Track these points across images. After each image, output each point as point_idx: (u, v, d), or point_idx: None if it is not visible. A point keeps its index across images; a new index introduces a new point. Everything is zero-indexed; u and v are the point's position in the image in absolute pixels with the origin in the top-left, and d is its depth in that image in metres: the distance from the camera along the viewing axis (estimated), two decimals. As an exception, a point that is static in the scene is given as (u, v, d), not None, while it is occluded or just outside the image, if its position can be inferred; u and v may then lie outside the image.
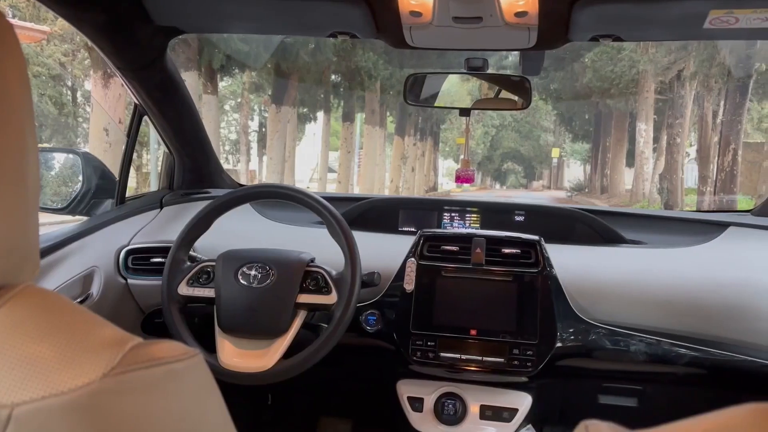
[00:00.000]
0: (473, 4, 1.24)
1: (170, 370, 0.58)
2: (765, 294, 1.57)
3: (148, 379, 0.56)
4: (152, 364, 0.56)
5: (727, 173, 13.79)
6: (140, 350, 0.57)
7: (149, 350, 0.57)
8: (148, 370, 0.56)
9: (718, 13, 1.22)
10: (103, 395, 0.53)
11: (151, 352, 0.57)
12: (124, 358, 0.55)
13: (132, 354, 0.56)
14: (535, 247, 1.63)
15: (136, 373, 0.55)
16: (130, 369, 0.55)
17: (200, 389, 0.62)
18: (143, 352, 0.57)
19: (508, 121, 35.77)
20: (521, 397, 1.61)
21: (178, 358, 0.59)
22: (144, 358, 0.56)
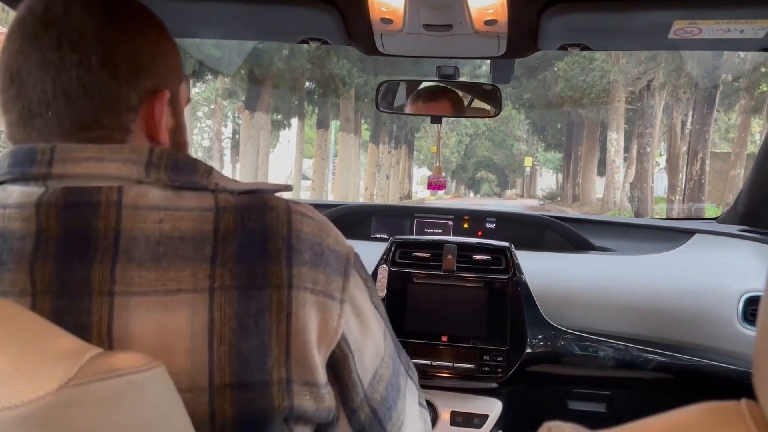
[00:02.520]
0: (443, 12, 1.25)
1: (130, 381, 0.56)
2: (728, 299, 1.60)
3: (106, 390, 0.54)
4: (111, 375, 0.55)
5: (695, 182, 14.06)
6: (99, 361, 0.55)
7: (108, 361, 0.56)
8: (107, 381, 0.54)
9: (682, 24, 1.24)
10: (59, 407, 0.52)
11: (111, 363, 0.56)
12: (82, 369, 0.53)
13: (90, 365, 0.54)
14: (506, 254, 1.64)
15: (94, 385, 0.53)
16: (88, 380, 0.53)
17: (162, 400, 0.60)
18: (102, 362, 0.55)
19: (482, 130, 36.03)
20: (492, 403, 1.62)
21: (139, 369, 0.57)
22: (103, 369, 0.55)
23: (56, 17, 0.71)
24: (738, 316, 1.59)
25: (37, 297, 0.64)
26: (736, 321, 1.59)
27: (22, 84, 0.71)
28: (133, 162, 0.69)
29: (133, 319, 0.64)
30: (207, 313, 0.65)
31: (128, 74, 0.73)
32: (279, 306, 0.67)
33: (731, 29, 1.26)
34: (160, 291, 0.64)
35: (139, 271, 0.64)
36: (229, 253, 0.66)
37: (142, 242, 0.65)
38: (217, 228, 0.67)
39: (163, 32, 0.79)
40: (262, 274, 0.67)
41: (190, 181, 0.70)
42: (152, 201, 0.67)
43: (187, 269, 0.65)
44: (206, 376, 0.65)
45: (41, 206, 0.66)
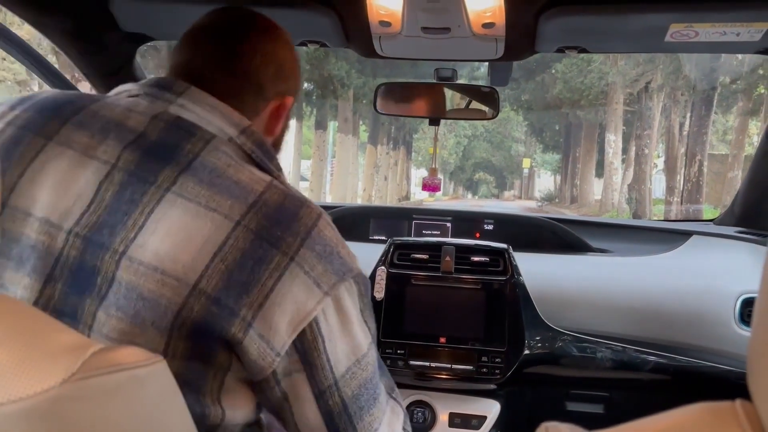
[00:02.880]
0: (441, 15, 1.25)
1: (132, 375, 0.57)
2: (725, 301, 1.61)
3: (109, 384, 0.55)
4: (114, 370, 0.55)
5: (693, 184, 14.07)
6: (102, 355, 0.56)
7: (111, 355, 0.56)
8: (110, 375, 0.55)
9: (679, 27, 1.25)
10: (62, 401, 0.52)
11: (113, 358, 0.56)
12: (85, 363, 0.54)
13: (93, 359, 0.55)
14: (504, 255, 1.64)
15: (97, 379, 0.54)
16: (91, 375, 0.54)
17: (163, 395, 0.61)
18: (105, 357, 0.56)
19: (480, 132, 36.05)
20: (490, 405, 1.62)
21: (141, 364, 0.58)
22: (105, 363, 0.55)
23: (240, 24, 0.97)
24: (735, 318, 1.60)
25: (113, 170, 0.81)
26: (732, 322, 1.60)
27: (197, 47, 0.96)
28: (235, 125, 0.88)
29: (172, 211, 0.78)
30: (225, 235, 0.78)
31: (273, 75, 0.97)
32: (276, 267, 0.79)
33: (727, 32, 1.26)
34: (202, 203, 0.79)
35: (195, 185, 0.80)
36: (264, 210, 0.81)
37: (209, 168, 0.82)
38: (264, 192, 0.82)
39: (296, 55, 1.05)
40: (278, 237, 0.80)
41: (262, 160, 0.89)
42: (231, 154, 0.85)
43: (229, 201, 0.80)
44: (196, 276, 0.76)
45: (155, 118, 0.86)
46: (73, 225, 0.79)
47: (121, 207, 0.79)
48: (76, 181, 0.81)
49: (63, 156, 0.83)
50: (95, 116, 0.86)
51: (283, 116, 1.01)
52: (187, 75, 0.92)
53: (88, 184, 0.81)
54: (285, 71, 0.99)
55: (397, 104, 1.76)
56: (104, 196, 0.80)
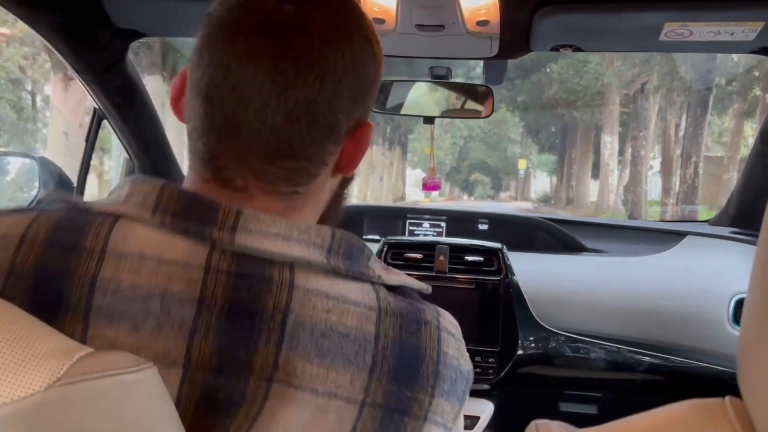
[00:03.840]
0: (435, 12, 1.25)
1: (120, 381, 0.55)
2: (719, 301, 1.61)
3: (95, 390, 0.54)
4: (101, 375, 0.54)
5: (689, 185, 14.13)
6: (89, 360, 0.55)
7: (98, 360, 0.55)
8: (97, 381, 0.54)
9: (673, 26, 1.25)
10: (47, 407, 0.51)
11: (101, 363, 0.55)
12: (71, 368, 0.53)
13: (80, 364, 0.54)
14: (498, 255, 1.64)
15: (83, 384, 0.53)
16: (77, 380, 0.53)
17: (152, 402, 0.60)
18: (92, 362, 0.55)
19: (476, 132, 36.07)
20: (483, 405, 1.61)
21: (130, 369, 0.56)
22: (92, 368, 0.54)
23: (295, 23, 0.63)
24: (728, 318, 1.60)
25: (189, 369, 0.59)
26: (726, 323, 1.60)
27: (236, 87, 0.62)
28: (317, 246, 0.64)
29: (284, 410, 0.59)
30: (351, 427, 0.61)
31: (349, 102, 0.66)
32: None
33: (722, 31, 1.26)
34: (318, 391, 0.60)
35: (302, 362, 0.60)
36: (386, 368, 0.63)
37: (308, 330, 0.60)
38: (378, 333, 0.63)
39: (381, 54, 0.72)
40: (408, 399, 0.63)
41: (360, 272, 0.65)
42: (322, 286, 0.63)
43: (347, 374, 0.61)
44: None
45: (210, 271, 0.60)
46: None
47: (219, 418, 0.59)
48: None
49: None
50: (119, 291, 0.59)
51: (362, 152, 0.71)
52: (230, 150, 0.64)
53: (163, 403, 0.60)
54: (363, 88, 0.67)
55: (391, 102, 1.76)
56: (189, 408, 0.60)
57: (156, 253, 0.60)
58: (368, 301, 0.64)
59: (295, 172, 0.65)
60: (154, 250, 0.60)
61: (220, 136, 0.64)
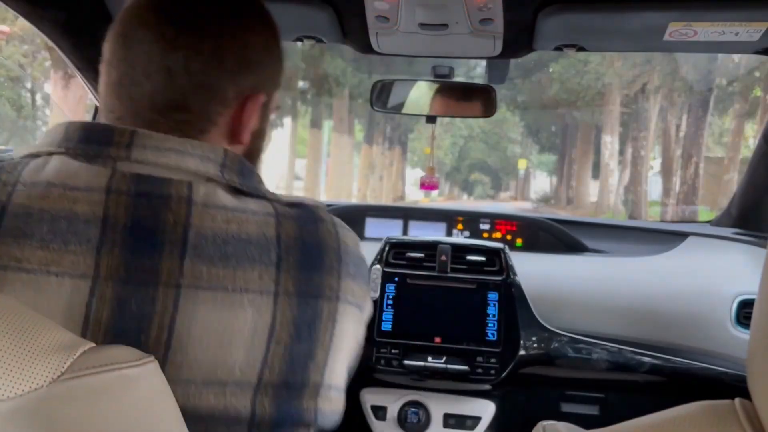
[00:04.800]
0: (439, 11, 1.24)
1: (123, 375, 0.56)
2: (722, 302, 1.60)
3: (98, 384, 0.54)
4: (104, 369, 0.55)
5: (689, 186, 14.14)
6: (91, 355, 0.55)
7: (101, 355, 0.56)
8: (100, 375, 0.54)
9: (677, 26, 1.25)
10: (50, 401, 0.51)
11: (103, 357, 0.56)
12: (74, 363, 0.53)
13: (83, 359, 0.54)
14: (500, 255, 1.63)
15: (87, 379, 0.54)
16: (80, 374, 0.53)
17: (154, 395, 0.60)
18: (95, 356, 0.55)
19: (476, 132, 36.07)
20: (485, 405, 1.61)
21: (132, 363, 0.57)
22: (95, 362, 0.55)
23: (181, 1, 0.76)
24: (731, 319, 1.59)
25: (98, 281, 0.64)
26: (729, 324, 1.59)
27: (130, 49, 0.74)
28: (210, 160, 0.71)
29: (199, 311, 0.65)
30: (270, 316, 0.68)
31: (233, 68, 0.75)
32: (328, 315, 0.71)
33: (726, 32, 1.26)
34: (228, 288, 0.66)
35: (207, 267, 0.66)
36: (292, 261, 0.70)
37: (210, 240, 0.67)
38: (279, 235, 0.71)
39: (275, 36, 0.82)
40: (318, 284, 0.71)
41: (254, 187, 0.74)
42: (220, 201, 0.70)
43: (255, 271, 0.68)
44: (257, 372, 0.67)
45: (111, 192, 0.67)
46: None
47: (131, 326, 0.64)
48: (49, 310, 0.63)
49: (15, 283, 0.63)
50: (29, 216, 0.65)
51: (250, 120, 0.79)
52: (125, 104, 0.74)
53: (71, 310, 0.63)
54: (252, 59, 0.77)
55: (393, 101, 1.75)
56: (100, 318, 0.64)
57: (61, 180, 0.67)
58: (266, 210, 0.72)
59: (183, 123, 0.74)
60: (60, 178, 0.67)
61: (117, 92, 0.75)
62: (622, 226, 2.04)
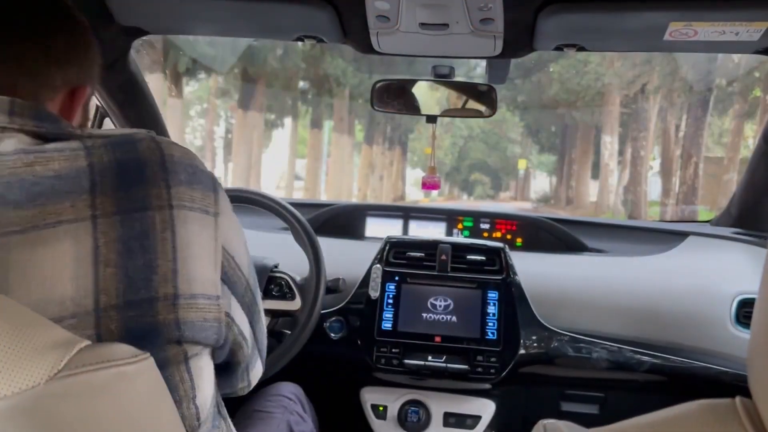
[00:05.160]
0: (440, 11, 1.24)
1: (120, 372, 0.56)
2: (721, 301, 1.61)
3: (96, 381, 0.54)
4: (101, 366, 0.55)
5: (688, 186, 14.13)
6: (88, 352, 0.55)
7: (98, 352, 0.56)
8: (97, 372, 0.54)
9: (678, 26, 1.25)
10: (47, 399, 0.51)
11: (100, 354, 0.56)
12: (71, 360, 0.53)
13: (79, 356, 0.54)
14: (500, 254, 1.64)
15: (84, 376, 0.54)
16: (77, 371, 0.53)
17: (151, 392, 0.61)
18: (91, 353, 0.55)
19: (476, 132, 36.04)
20: (485, 404, 1.62)
21: (129, 360, 0.58)
22: (92, 359, 0.55)
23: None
24: (731, 319, 1.59)
25: None
26: (728, 323, 1.59)
27: None
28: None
29: (13, 256, 0.65)
30: (91, 240, 0.67)
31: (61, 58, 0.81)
32: (163, 225, 0.71)
33: (726, 31, 1.26)
34: (39, 225, 0.66)
35: (15, 211, 0.65)
36: (108, 182, 0.69)
37: (15, 186, 0.67)
38: (91, 164, 0.70)
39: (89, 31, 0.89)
40: (143, 197, 0.70)
41: (56, 127, 0.74)
42: (17, 146, 0.70)
43: (66, 202, 0.67)
44: (92, 299, 0.66)
45: None
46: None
47: None
48: None
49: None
50: None
51: (76, 110, 0.85)
52: None
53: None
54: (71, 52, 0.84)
55: (394, 101, 1.75)
56: None
57: None
58: (72, 146, 0.71)
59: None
60: None
61: None
62: (623, 225, 2.04)
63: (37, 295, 0.64)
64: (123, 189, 0.70)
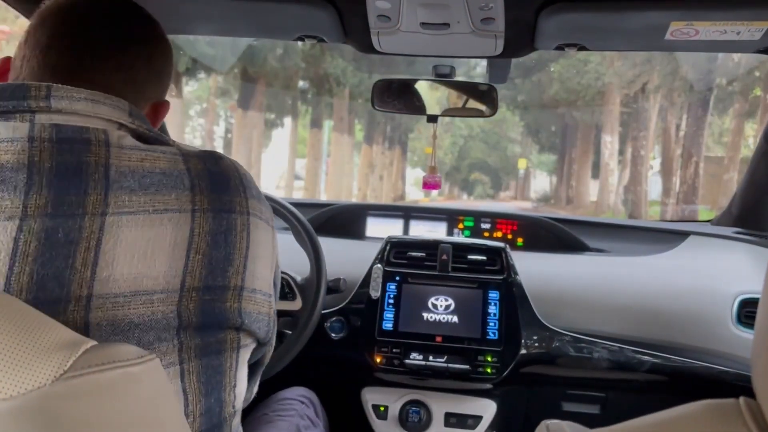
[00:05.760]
0: (440, 11, 1.24)
1: (127, 372, 0.56)
2: (723, 301, 1.60)
3: (102, 381, 0.54)
4: (107, 367, 0.55)
5: (689, 185, 14.13)
6: (94, 352, 0.55)
7: (104, 352, 0.56)
8: (103, 373, 0.54)
9: (679, 25, 1.24)
10: (53, 400, 0.51)
11: (106, 354, 0.56)
12: (77, 361, 0.53)
13: (85, 357, 0.54)
14: (501, 254, 1.63)
15: (90, 377, 0.53)
16: (84, 372, 0.53)
17: (157, 392, 0.60)
18: (97, 354, 0.55)
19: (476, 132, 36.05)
20: (486, 404, 1.61)
21: (135, 361, 0.57)
22: (98, 360, 0.55)
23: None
24: (732, 318, 1.59)
25: (26, 220, 0.69)
26: (730, 323, 1.59)
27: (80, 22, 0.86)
28: (120, 109, 0.81)
29: (123, 232, 0.73)
30: (189, 228, 0.77)
31: (160, 71, 0.92)
32: (242, 227, 0.83)
33: (728, 31, 1.26)
34: (149, 210, 0.75)
35: (129, 195, 0.74)
36: (204, 185, 0.80)
37: (129, 175, 0.75)
38: (189, 168, 0.80)
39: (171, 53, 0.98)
40: (229, 201, 0.82)
41: (159, 135, 0.84)
42: (133, 143, 0.79)
43: (172, 194, 0.77)
44: (180, 279, 0.75)
45: (34, 140, 0.72)
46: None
47: (60, 252, 0.69)
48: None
49: None
50: None
51: (158, 124, 0.96)
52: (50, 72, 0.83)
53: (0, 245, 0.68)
54: (164, 74, 0.95)
55: (394, 101, 1.75)
56: (28, 250, 0.68)
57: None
58: (173, 151, 0.81)
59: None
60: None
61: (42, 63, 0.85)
62: (623, 225, 2.04)
63: (138, 269, 0.72)
64: (215, 193, 0.81)
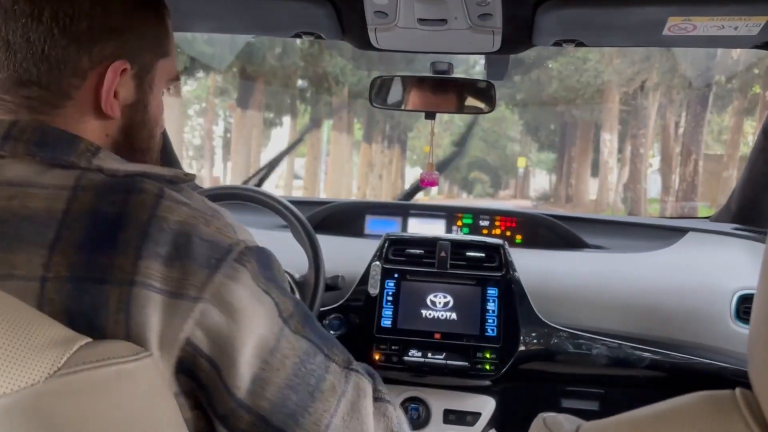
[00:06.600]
0: (438, 7, 1.24)
1: (121, 370, 0.56)
2: (721, 297, 1.61)
3: (96, 379, 0.54)
4: (102, 364, 0.54)
5: (688, 183, 14.13)
6: (89, 349, 0.55)
7: (99, 349, 0.55)
8: (97, 370, 0.54)
9: (677, 20, 1.24)
10: (47, 397, 0.51)
11: (101, 351, 0.55)
12: (71, 358, 0.53)
13: (79, 354, 0.54)
14: (499, 251, 1.63)
15: (84, 374, 0.53)
16: (77, 369, 0.53)
17: (152, 390, 0.60)
18: (92, 351, 0.55)
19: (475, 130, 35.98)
20: (484, 401, 1.61)
21: (130, 358, 0.57)
22: (92, 357, 0.54)
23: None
24: (731, 314, 1.59)
25: None
26: (728, 319, 1.59)
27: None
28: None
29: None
30: (36, 305, 0.59)
31: (84, 35, 0.69)
32: (118, 306, 0.60)
33: (725, 26, 1.26)
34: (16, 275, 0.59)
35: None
36: (73, 238, 0.61)
37: None
38: (69, 209, 0.62)
39: (142, 3, 0.77)
40: (104, 266, 0.60)
41: (53, 157, 0.65)
42: (6, 176, 0.64)
43: (23, 253, 0.60)
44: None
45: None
46: None
47: None
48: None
49: None
50: None
51: (111, 92, 0.73)
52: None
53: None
54: (107, 27, 0.71)
55: (392, 98, 1.75)
56: None
57: None
58: (62, 183, 0.64)
59: (32, 100, 0.69)
60: None
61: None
62: (622, 222, 2.04)
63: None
64: (85, 252, 0.61)
